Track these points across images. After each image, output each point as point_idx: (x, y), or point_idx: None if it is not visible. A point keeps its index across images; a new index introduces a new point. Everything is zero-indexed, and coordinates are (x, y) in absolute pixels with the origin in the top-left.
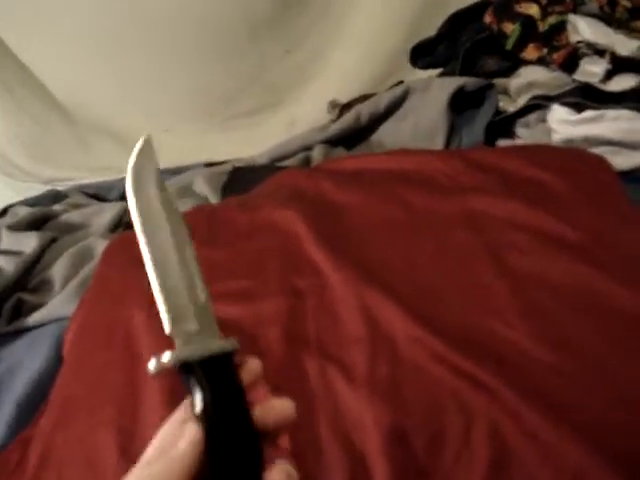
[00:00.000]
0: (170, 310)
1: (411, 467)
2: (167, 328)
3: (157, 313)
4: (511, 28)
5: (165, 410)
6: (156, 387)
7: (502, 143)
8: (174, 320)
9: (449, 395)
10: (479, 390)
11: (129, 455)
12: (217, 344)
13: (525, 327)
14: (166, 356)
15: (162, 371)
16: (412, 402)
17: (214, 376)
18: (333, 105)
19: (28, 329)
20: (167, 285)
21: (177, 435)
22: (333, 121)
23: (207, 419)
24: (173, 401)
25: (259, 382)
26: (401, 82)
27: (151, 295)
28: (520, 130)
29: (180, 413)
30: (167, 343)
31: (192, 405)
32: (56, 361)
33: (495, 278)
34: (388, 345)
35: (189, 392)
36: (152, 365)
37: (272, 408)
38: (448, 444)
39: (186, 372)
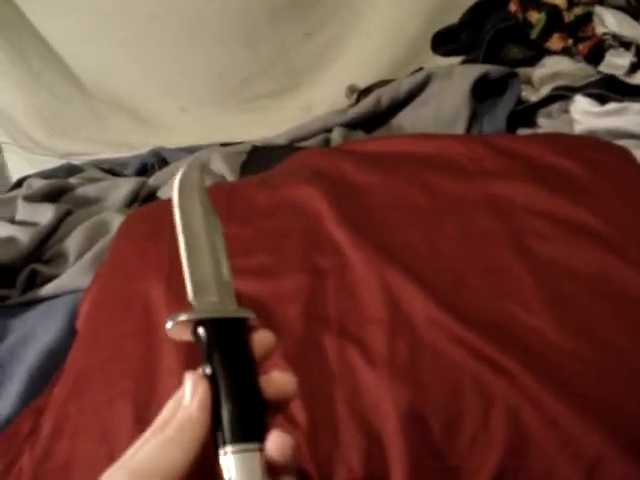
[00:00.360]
0: (194, 282)
1: (427, 449)
2: (190, 296)
3: (176, 287)
4: (536, 17)
5: None
6: (174, 360)
7: (523, 132)
8: (197, 291)
9: (468, 378)
10: (499, 375)
11: (146, 428)
12: (233, 309)
13: (547, 314)
14: (183, 315)
15: (178, 328)
16: (431, 384)
17: (226, 338)
18: (352, 90)
19: (41, 300)
20: (194, 261)
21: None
22: (351, 106)
23: (215, 378)
24: None
25: (270, 356)
26: (421, 69)
27: (169, 269)
28: (542, 120)
29: (184, 389)
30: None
31: (202, 366)
32: (69, 333)
33: (517, 264)
34: (408, 327)
35: (201, 356)
36: (169, 323)
37: (273, 381)
38: (465, 427)
39: (200, 334)
